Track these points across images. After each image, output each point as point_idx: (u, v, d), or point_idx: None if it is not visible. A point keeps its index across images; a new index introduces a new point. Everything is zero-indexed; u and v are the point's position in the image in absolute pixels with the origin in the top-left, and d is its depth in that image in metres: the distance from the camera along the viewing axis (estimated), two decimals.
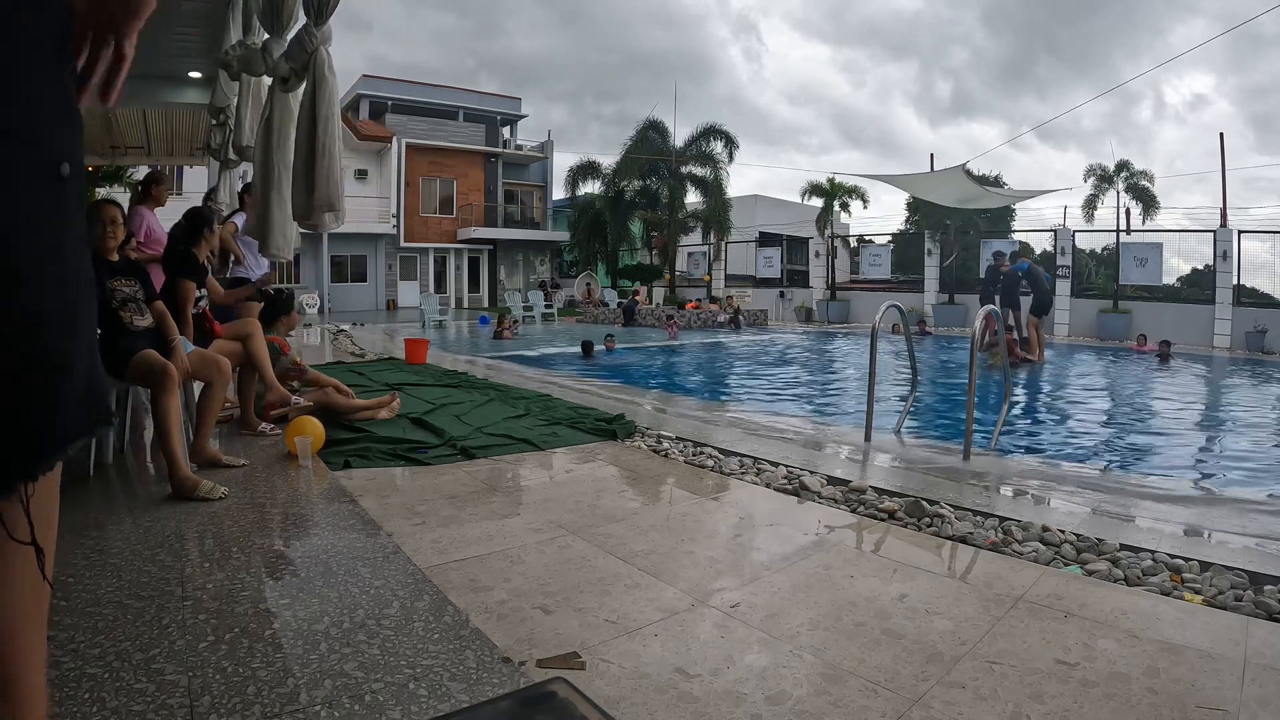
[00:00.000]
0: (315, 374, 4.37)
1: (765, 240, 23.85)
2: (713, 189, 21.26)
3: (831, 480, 3.07)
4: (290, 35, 3.65)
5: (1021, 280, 9.82)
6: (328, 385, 4.22)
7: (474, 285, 27.03)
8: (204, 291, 3.80)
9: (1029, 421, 6.07)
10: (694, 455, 3.56)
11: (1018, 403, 6.68)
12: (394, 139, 24.22)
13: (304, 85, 3.42)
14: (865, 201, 20.83)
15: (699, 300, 19.92)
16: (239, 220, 4.98)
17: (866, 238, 21.22)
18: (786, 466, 3.27)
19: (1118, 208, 16.29)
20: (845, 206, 20.93)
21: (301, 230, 3.82)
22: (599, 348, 10.32)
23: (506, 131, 29.11)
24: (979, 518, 2.61)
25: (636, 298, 19.30)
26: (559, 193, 26.58)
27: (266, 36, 3.89)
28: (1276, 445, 5.36)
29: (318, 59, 3.31)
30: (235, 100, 5.87)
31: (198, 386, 3.40)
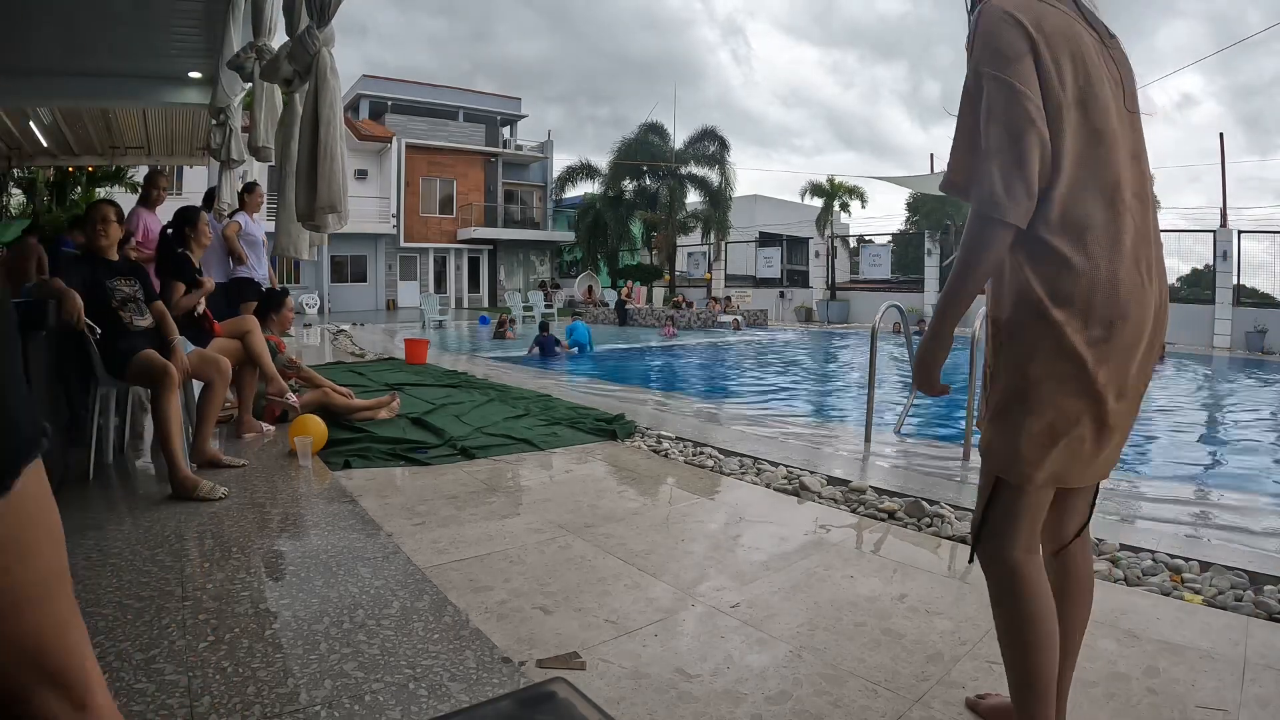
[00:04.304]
0: (310, 373, 4.37)
1: (765, 240, 23.86)
2: (717, 192, 21.28)
3: (831, 480, 3.07)
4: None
5: None
6: (324, 385, 4.22)
7: (474, 285, 27.02)
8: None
9: None
10: (694, 455, 3.56)
11: None
12: (394, 139, 24.21)
13: (307, 86, 3.42)
14: (864, 201, 20.86)
15: (688, 297, 19.95)
16: (241, 220, 4.98)
17: (866, 238, 21.24)
18: (786, 466, 3.27)
19: None
20: (845, 206, 20.94)
21: (307, 229, 3.83)
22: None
23: (506, 132, 29.11)
24: None
25: (626, 297, 19.11)
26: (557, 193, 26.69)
27: (283, 40, 3.90)
28: (1277, 445, 5.36)
29: (320, 60, 3.31)
30: (236, 101, 5.89)
31: (198, 386, 3.40)
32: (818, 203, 21.16)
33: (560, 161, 27.41)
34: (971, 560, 1.26)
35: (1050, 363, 1.10)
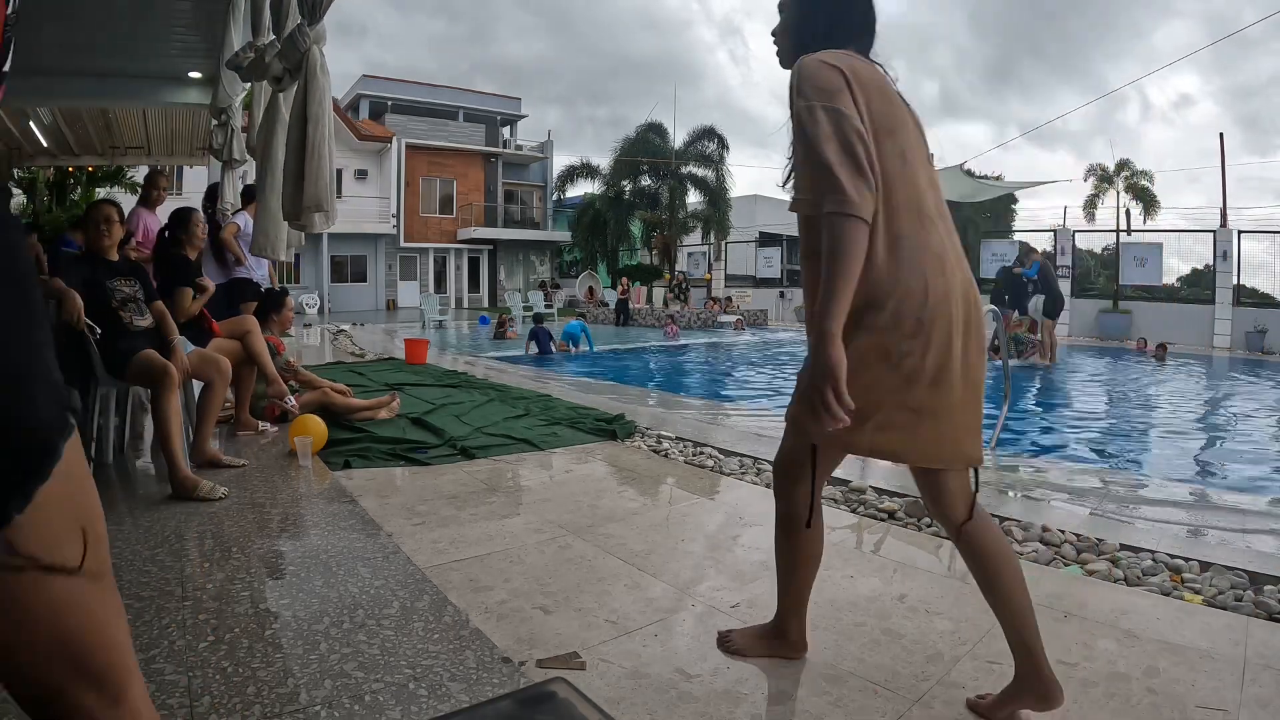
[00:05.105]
0: (309, 375, 4.37)
1: (765, 240, 23.82)
2: (716, 192, 21.26)
3: (831, 480, 3.06)
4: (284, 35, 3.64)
5: (1029, 284, 9.77)
6: (323, 386, 4.23)
7: (474, 285, 27.01)
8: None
9: (1030, 422, 6.07)
10: (694, 455, 3.56)
11: (1023, 405, 6.68)
12: (394, 139, 24.20)
13: (296, 84, 3.41)
14: None
15: (686, 279, 19.99)
16: (241, 220, 4.98)
17: None
18: None
19: (1118, 208, 16.31)
20: None
21: (293, 229, 3.81)
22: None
23: (506, 131, 29.10)
24: None
25: (624, 296, 18.90)
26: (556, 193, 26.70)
27: (273, 38, 3.89)
28: (1277, 445, 5.36)
29: (310, 58, 3.30)
30: (238, 100, 5.88)
31: (198, 386, 3.40)
32: None
33: (560, 161, 27.44)
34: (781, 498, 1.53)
35: (861, 359, 1.25)
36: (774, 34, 1.51)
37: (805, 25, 1.44)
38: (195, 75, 6.58)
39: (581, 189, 24.82)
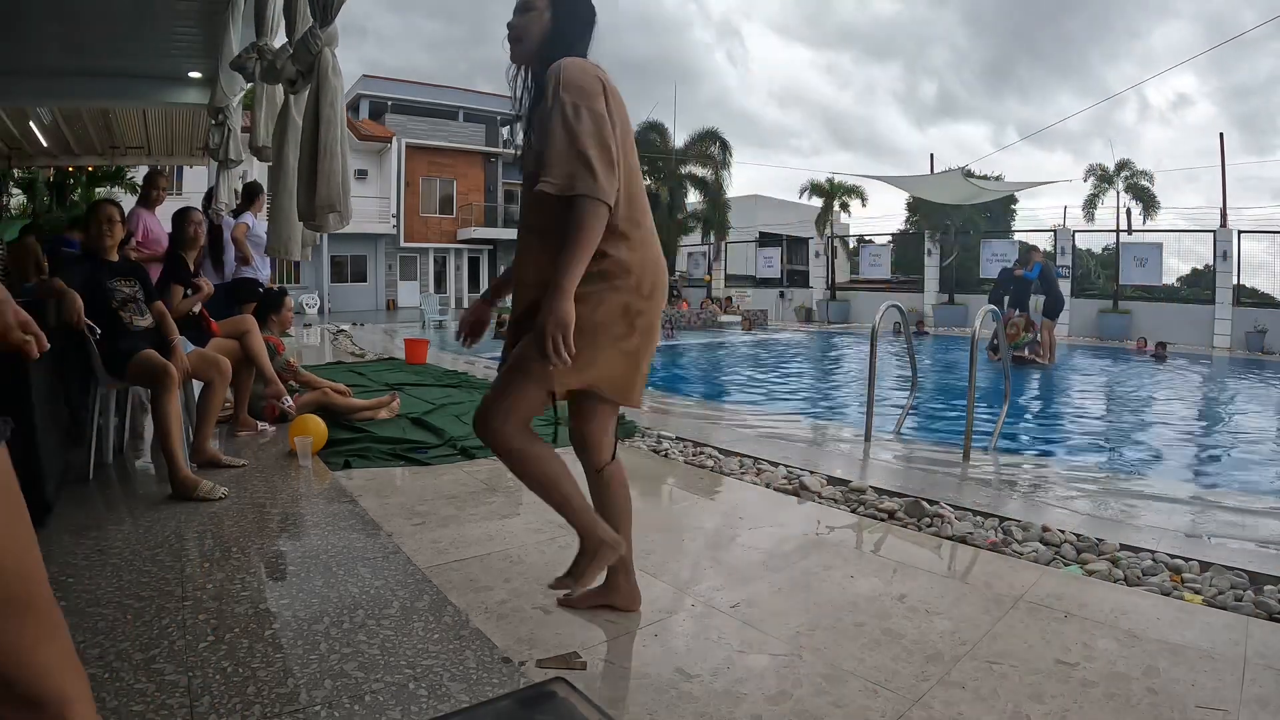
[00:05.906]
0: (308, 375, 4.37)
1: (765, 240, 23.83)
2: (712, 189, 21.26)
3: (831, 480, 3.06)
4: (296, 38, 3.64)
5: (1032, 284, 9.76)
6: (323, 386, 4.23)
7: (474, 285, 26.99)
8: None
9: (1029, 422, 6.07)
10: (694, 455, 3.56)
11: (1023, 405, 6.68)
12: (394, 139, 24.19)
13: (309, 86, 3.42)
14: (864, 200, 20.83)
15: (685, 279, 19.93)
16: (249, 219, 4.96)
17: (866, 238, 21.20)
18: (786, 466, 3.27)
19: (1117, 208, 16.27)
20: (845, 206, 20.91)
21: (308, 229, 3.82)
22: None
23: (506, 131, 29.06)
24: (979, 518, 2.61)
25: None
26: None
27: (284, 41, 3.89)
28: (1276, 445, 5.36)
29: (322, 60, 3.31)
30: (235, 100, 5.88)
31: (198, 386, 3.40)
32: (817, 202, 21.14)
33: None
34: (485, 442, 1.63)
35: (611, 314, 1.55)
36: (511, 27, 1.67)
37: (558, 33, 1.64)
38: (195, 75, 6.58)
39: None
